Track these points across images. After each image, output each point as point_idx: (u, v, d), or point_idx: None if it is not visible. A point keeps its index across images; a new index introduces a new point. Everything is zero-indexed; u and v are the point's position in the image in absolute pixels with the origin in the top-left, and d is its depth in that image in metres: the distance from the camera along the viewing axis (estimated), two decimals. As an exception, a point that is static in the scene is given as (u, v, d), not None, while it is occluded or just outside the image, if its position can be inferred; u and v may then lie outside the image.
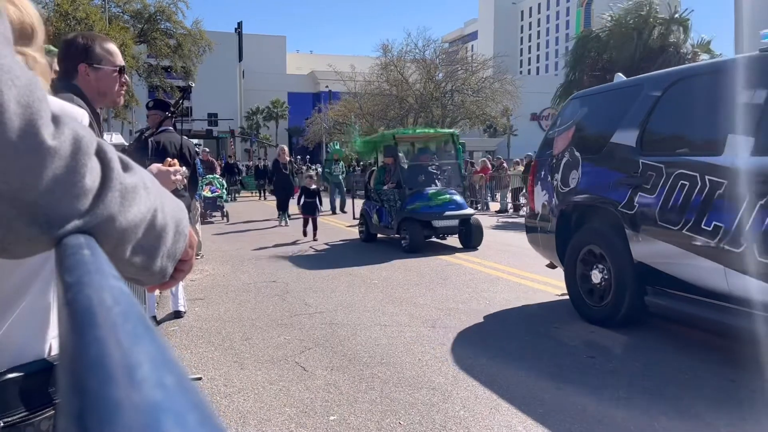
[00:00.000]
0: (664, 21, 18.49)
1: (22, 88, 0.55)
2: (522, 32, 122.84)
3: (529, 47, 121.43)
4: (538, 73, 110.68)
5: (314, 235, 12.03)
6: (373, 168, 12.29)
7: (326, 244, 11.62)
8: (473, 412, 3.64)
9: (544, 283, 7.38)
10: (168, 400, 0.30)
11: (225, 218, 16.07)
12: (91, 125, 2.32)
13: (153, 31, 35.69)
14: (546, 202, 6.25)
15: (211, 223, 15.60)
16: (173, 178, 2.47)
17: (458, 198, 10.58)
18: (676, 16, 18.51)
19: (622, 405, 3.69)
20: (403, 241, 10.34)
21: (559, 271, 6.28)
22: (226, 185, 17.46)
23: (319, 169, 29.52)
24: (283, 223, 14.83)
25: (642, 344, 4.90)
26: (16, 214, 0.56)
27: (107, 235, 0.64)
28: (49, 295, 1.02)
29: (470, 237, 10.43)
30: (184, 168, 2.63)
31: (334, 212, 18.59)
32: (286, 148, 15.32)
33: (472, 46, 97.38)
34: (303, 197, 12.06)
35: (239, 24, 71.85)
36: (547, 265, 6.63)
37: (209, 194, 15.70)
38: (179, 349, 4.99)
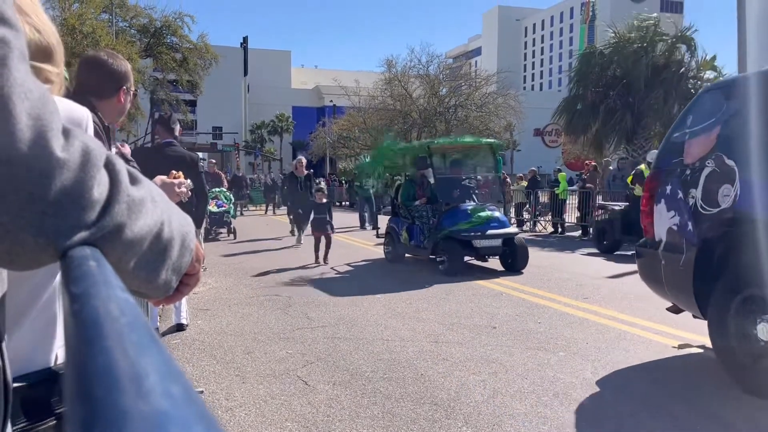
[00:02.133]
0: (668, 38, 18.56)
1: (35, 101, 0.56)
2: (525, 48, 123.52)
3: (533, 63, 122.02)
4: (541, 89, 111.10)
5: (325, 255, 10.60)
6: (399, 181, 11.28)
7: (348, 264, 10.55)
8: (476, 428, 3.62)
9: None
10: (175, 409, 0.30)
11: (232, 235, 14.84)
12: (97, 134, 2.40)
13: (159, 45, 36.01)
14: (676, 227, 4.73)
15: (217, 240, 14.48)
16: (177, 190, 2.50)
17: (500, 215, 9.58)
18: (681, 34, 18.58)
19: (628, 423, 3.67)
20: (440, 263, 9.29)
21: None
22: (233, 199, 16.03)
23: (323, 184, 29.38)
24: (299, 242, 13.30)
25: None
26: (23, 225, 0.57)
27: (113, 247, 0.64)
28: (55, 306, 1.02)
29: (515, 258, 9.37)
30: (188, 180, 2.65)
31: (363, 227, 17.61)
32: (304, 160, 13.64)
33: (476, 61, 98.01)
34: (312, 213, 10.96)
35: (245, 39, 72.43)
36: (669, 309, 5.11)
37: (215, 209, 14.31)
38: (181, 362, 4.97)
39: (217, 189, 14.83)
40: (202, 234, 9.88)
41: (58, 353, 1.03)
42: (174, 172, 2.61)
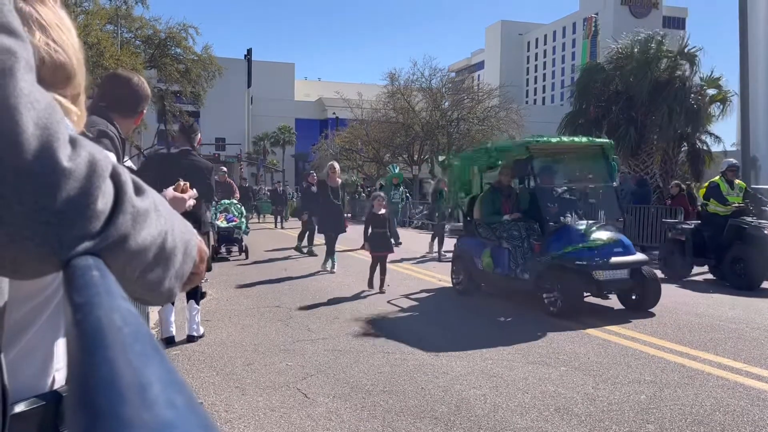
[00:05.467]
0: (671, 54, 18.66)
1: (41, 111, 0.57)
2: (528, 63, 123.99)
3: (535, 77, 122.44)
4: (543, 103, 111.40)
5: (381, 283, 8.70)
6: (469, 192, 9.05)
7: (407, 297, 8.40)
8: (476, 442, 3.59)
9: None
10: (179, 419, 0.30)
11: (244, 254, 12.66)
12: (116, 147, 2.48)
13: (163, 56, 36.20)
14: None
15: (226, 259, 12.45)
16: (188, 204, 2.54)
17: (623, 238, 7.53)
18: (685, 50, 18.66)
19: (627, 438, 3.64)
20: (547, 301, 7.14)
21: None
22: (245, 212, 13.69)
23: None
24: (328, 267, 10.75)
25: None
26: (28, 234, 0.57)
27: (116, 257, 0.65)
28: (54, 328, 1.01)
29: (644, 295, 7.27)
30: (193, 191, 2.67)
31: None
32: (338, 166, 11.48)
33: (479, 75, 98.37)
34: (371, 228, 8.82)
35: (249, 50, 72.78)
36: None
37: (224, 224, 12.36)
38: (180, 374, 4.94)
39: (227, 201, 13.03)
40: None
41: (55, 376, 1.02)
42: (180, 182, 2.64)
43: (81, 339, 0.42)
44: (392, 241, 8.93)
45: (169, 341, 5.76)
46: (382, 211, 8.93)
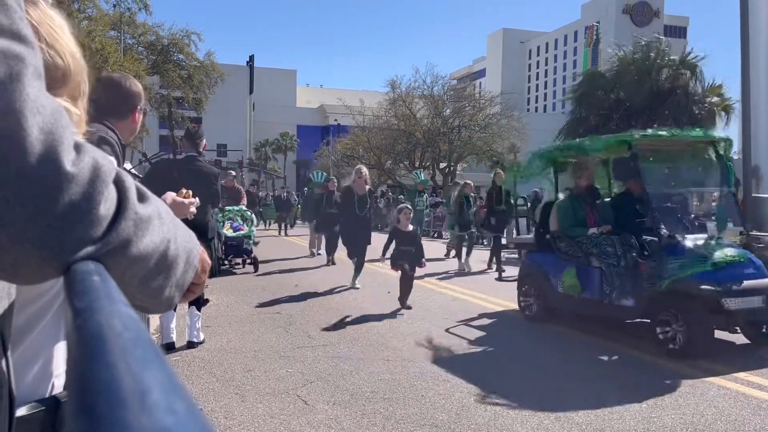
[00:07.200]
0: (672, 63, 18.70)
1: (47, 116, 0.57)
2: (529, 70, 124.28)
3: (537, 85, 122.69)
4: (545, 111, 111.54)
5: (404, 299, 7.77)
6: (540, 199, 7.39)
7: (467, 324, 7.07)
8: (476, 451, 3.57)
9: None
10: (179, 425, 0.30)
11: (252, 266, 11.30)
12: (116, 153, 2.48)
13: (166, 62, 36.38)
14: None
15: (233, 273, 11.24)
16: (190, 210, 2.54)
17: (753, 256, 5.95)
18: (687, 59, 18.71)
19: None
20: (666, 338, 5.70)
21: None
22: (255, 220, 12.42)
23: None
24: (358, 285, 9.53)
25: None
26: (30, 237, 0.57)
27: (117, 263, 0.65)
28: (54, 333, 1.01)
29: None
30: (196, 198, 2.68)
31: None
32: (365, 171, 9.99)
33: (480, 83, 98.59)
34: (395, 244, 7.88)
35: (251, 57, 72.98)
36: None
37: (231, 233, 11.03)
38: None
39: (236, 207, 11.73)
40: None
41: (54, 382, 1.02)
42: (183, 190, 2.64)
43: (81, 344, 0.42)
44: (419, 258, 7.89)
45: (170, 347, 5.75)
46: (410, 227, 7.88)
